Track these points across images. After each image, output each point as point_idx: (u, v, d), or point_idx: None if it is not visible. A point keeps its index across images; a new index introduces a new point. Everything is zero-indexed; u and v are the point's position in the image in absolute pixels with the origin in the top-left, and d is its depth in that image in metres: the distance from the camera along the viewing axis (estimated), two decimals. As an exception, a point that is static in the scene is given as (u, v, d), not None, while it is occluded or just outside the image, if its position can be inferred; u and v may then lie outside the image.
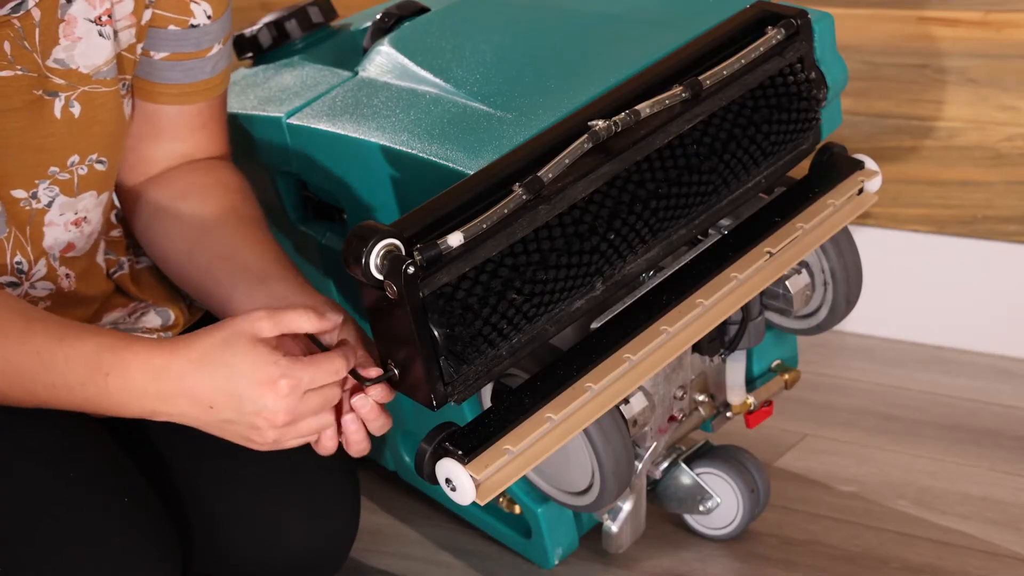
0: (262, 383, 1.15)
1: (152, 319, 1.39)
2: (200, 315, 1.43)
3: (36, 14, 1.22)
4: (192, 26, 1.31)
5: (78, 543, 1.20)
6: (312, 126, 1.40)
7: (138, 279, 1.42)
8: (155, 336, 1.39)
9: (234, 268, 1.30)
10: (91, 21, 1.25)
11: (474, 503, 1.15)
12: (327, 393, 1.17)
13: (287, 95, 1.47)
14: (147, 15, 1.30)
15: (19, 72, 1.23)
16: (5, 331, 1.18)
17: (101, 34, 1.26)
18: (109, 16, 1.26)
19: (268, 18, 1.59)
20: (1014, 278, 1.84)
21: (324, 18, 1.60)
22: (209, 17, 1.32)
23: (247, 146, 1.47)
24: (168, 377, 1.16)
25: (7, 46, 1.22)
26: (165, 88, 1.34)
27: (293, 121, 1.42)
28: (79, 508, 1.22)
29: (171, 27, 1.31)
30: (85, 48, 1.26)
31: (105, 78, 1.28)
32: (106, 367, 1.17)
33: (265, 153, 1.47)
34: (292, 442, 1.19)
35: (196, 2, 1.31)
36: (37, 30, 1.23)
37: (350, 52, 1.53)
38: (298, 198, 1.51)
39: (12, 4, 1.21)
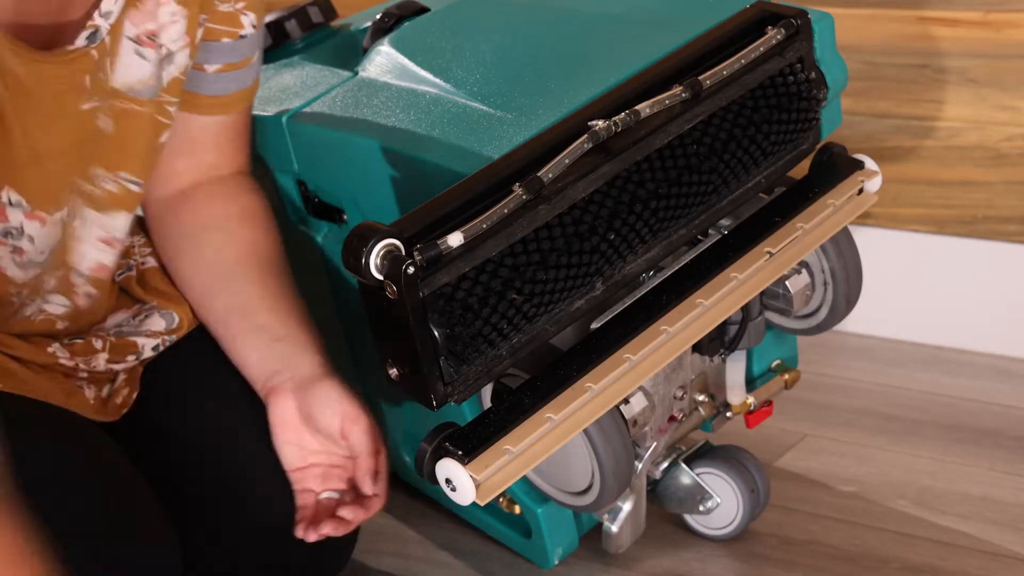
0: None
1: (156, 322, 1.39)
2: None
3: (108, 41, 1.22)
4: (241, 36, 1.32)
5: (79, 543, 1.20)
6: (312, 126, 1.40)
7: (143, 281, 1.41)
8: (159, 340, 1.39)
9: (250, 326, 1.33)
10: (130, 39, 1.24)
11: (474, 503, 1.15)
12: None
13: (287, 95, 1.47)
14: (200, 33, 1.30)
15: (96, 104, 1.23)
16: None
17: (138, 53, 1.25)
18: (150, 39, 1.25)
19: (268, 18, 1.59)
20: (1014, 278, 1.84)
21: (324, 18, 1.60)
22: (254, 26, 1.33)
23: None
24: None
25: (87, 80, 1.21)
26: (213, 100, 1.35)
27: (293, 121, 1.42)
28: (79, 508, 1.22)
29: (224, 40, 1.31)
30: (120, 65, 1.25)
31: (138, 97, 1.27)
32: None
33: (265, 153, 1.47)
34: None
35: (245, 13, 1.31)
36: (108, 59, 1.22)
37: (350, 52, 1.53)
38: (298, 198, 1.51)
39: (87, 33, 1.20)
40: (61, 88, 1.20)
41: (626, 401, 1.32)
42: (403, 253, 1.10)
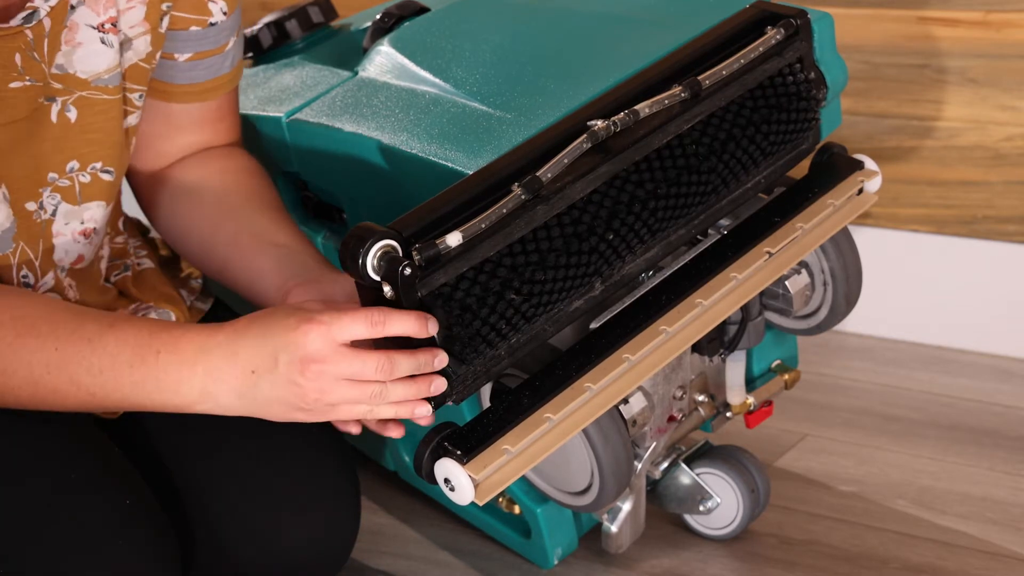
0: (293, 328, 1.11)
1: (153, 320, 1.39)
2: (201, 315, 1.43)
3: (47, 24, 1.22)
4: (211, 24, 1.32)
5: (78, 544, 1.20)
6: (312, 126, 1.40)
7: (139, 281, 1.42)
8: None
9: (263, 242, 1.29)
10: (93, 27, 1.25)
11: (473, 503, 1.15)
12: (366, 359, 1.12)
13: (287, 95, 1.47)
14: (166, 21, 1.30)
15: (27, 83, 1.23)
16: (55, 321, 1.16)
17: (103, 41, 1.26)
18: (113, 24, 1.26)
19: (268, 18, 1.59)
20: (1014, 278, 1.84)
21: (324, 18, 1.60)
22: (224, 13, 1.33)
23: (247, 146, 1.47)
24: (215, 347, 1.14)
25: (18, 57, 1.21)
26: (187, 88, 1.35)
27: (293, 121, 1.42)
28: (79, 509, 1.22)
29: (192, 28, 1.31)
30: (85, 54, 1.25)
31: (106, 86, 1.27)
32: (157, 344, 1.15)
33: (265, 153, 1.47)
34: (340, 398, 1.13)
35: (213, 0, 1.31)
36: (46, 40, 1.22)
37: (350, 52, 1.53)
38: (298, 198, 1.51)
39: (24, 14, 1.21)
40: None
41: (625, 401, 1.32)
42: (400, 254, 1.10)
